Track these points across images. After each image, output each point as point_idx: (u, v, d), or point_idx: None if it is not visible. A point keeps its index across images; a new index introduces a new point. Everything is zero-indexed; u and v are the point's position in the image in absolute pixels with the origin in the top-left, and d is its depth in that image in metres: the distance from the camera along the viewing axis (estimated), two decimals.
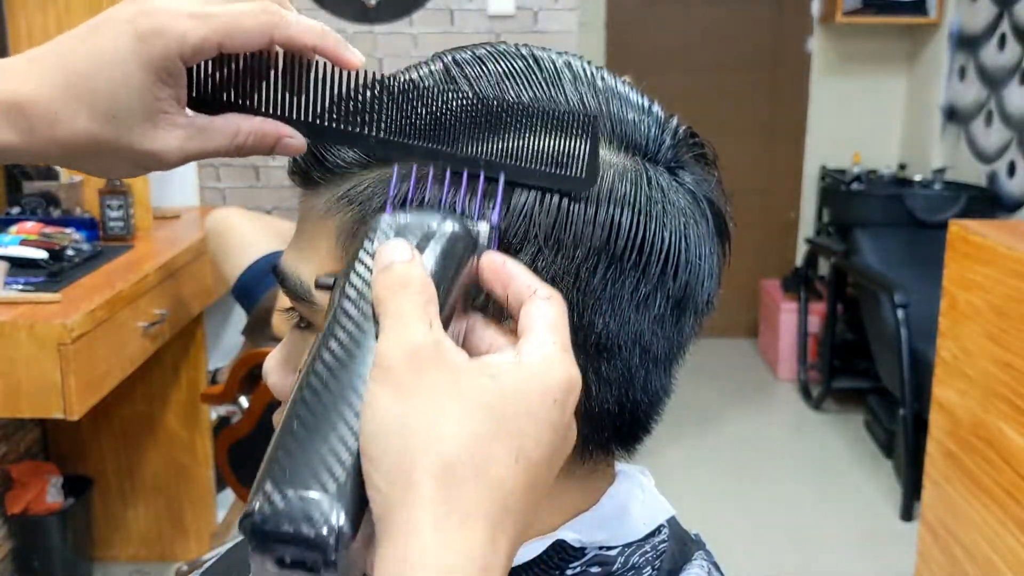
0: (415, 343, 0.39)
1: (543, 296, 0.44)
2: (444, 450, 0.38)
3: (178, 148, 0.49)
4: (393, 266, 0.42)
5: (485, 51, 0.52)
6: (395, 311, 0.40)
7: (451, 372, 0.40)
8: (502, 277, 0.45)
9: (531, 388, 0.40)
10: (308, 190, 0.53)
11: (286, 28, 0.48)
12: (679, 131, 0.54)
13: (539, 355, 0.41)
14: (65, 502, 2.44)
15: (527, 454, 0.40)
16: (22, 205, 2.31)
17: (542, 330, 0.42)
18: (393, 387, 0.39)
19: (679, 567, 0.56)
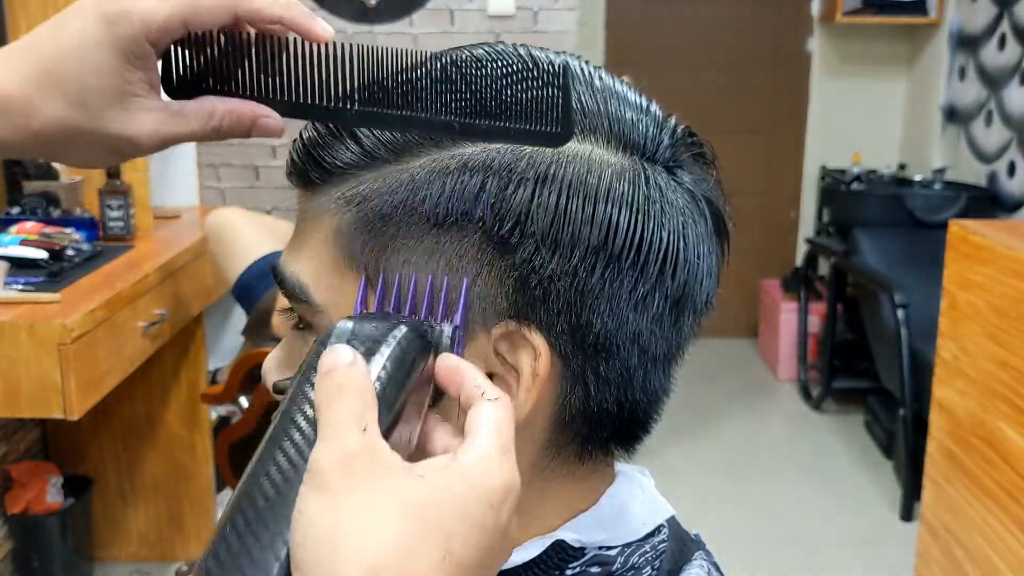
0: (346, 450, 0.39)
1: (490, 397, 0.44)
2: (369, 554, 0.38)
3: (152, 132, 0.49)
4: (333, 372, 0.42)
5: (482, 51, 0.52)
6: (330, 418, 0.40)
7: (381, 477, 0.39)
8: (455, 378, 0.45)
9: (462, 491, 0.40)
10: (306, 191, 0.53)
11: (249, 2, 0.48)
12: (677, 130, 0.54)
13: (475, 457, 0.41)
14: (65, 502, 2.44)
15: (456, 557, 0.39)
16: (22, 205, 2.31)
17: (483, 433, 0.42)
18: (323, 493, 0.39)
19: (679, 567, 0.56)
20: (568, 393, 0.51)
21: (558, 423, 0.52)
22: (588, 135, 0.51)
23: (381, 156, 0.50)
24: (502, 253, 0.48)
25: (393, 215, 0.49)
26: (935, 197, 3.61)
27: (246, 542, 0.40)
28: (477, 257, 0.48)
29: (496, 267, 0.48)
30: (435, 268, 0.49)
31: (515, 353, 0.49)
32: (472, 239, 0.48)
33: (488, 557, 0.41)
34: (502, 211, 0.48)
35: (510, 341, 0.49)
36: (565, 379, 0.51)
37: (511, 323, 0.49)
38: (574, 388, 0.51)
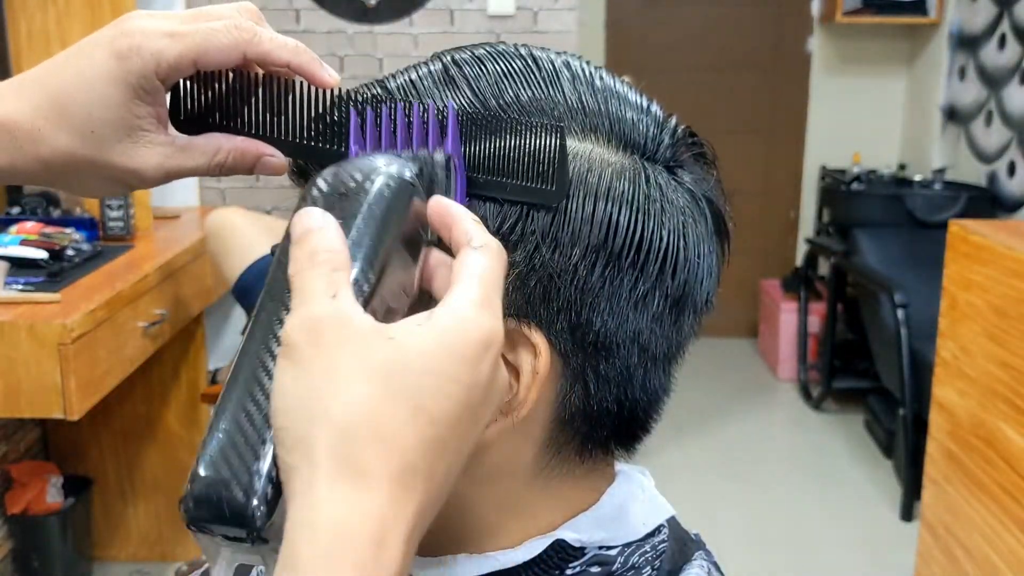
0: (315, 316, 0.39)
1: (475, 245, 0.43)
2: (338, 413, 0.38)
3: (157, 165, 0.50)
4: (303, 238, 0.42)
5: (484, 51, 0.52)
6: (300, 286, 0.41)
7: (350, 340, 0.39)
8: (445, 221, 0.45)
9: (433, 348, 0.40)
10: None
11: (259, 44, 0.49)
12: (678, 130, 0.54)
13: (449, 314, 0.41)
14: (65, 502, 2.44)
15: (427, 411, 0.39)
16: (22, 205, 2.31)
17: (461, 285, 0.42)
18: (294, 362, 0.39)
19: (679, 567, 0.56)
20: (568, 391, 0.51)
21: (558, 422, 0.52)
22: (589, 134, 0.51)
23: None
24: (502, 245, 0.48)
25: None
26: (935, 197, 3.61)
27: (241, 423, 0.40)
28: None
29: None
30: None
31: (515, 351, 0.49)
32: None
33: (468, 411, 0.41)
34: (502, 210, 0.48)
35: (510, 339, 0.49)
36: (565, 377, 0.51)
37: (511, 321, 0.49)
38: (574, 387, 0.51)
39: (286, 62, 0.50)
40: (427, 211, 0.45)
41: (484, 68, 0.51)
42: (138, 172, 0.50)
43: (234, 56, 0.49)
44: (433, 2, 3.25)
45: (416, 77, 0.52)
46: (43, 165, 0.50)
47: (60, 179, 0.51)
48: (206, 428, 0.41)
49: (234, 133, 0.51)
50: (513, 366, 0.50)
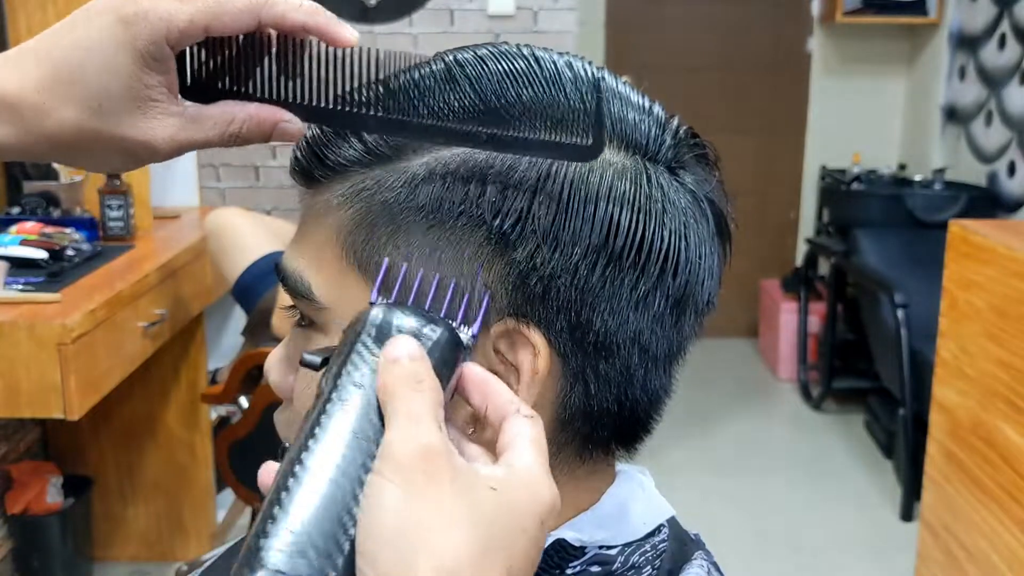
0: (428, 443, 0.39)
1: (526, 414, 0.44)
2: (447, 554, 0.38)
3: (170, 138, 0.48)
4: (403, 361, 0.41)
5: (486, 51, 0.52)
6: (407, 407, 0.40)
7: (458, 479, 0.39)
8: (482, 388, 0.45)
9: (525, 507, 0.40)
10: (310, 188, 0.53)
11: (273, 7, 0.47)
12: (680, 131, 0.54)
13: (530, 472, 0.41)
14: (65, 502, 2.44)
15: (514, 571, 0.39)
16: (22, 205, 2.31)
17: (528, 448, 0.42)
18: (404, 486, 0.38)
19: (679, 567, 0.56)
20: (568, 392, 0.51)
21: (559, 422, 0.52)
22: None
23: (384, 153, 0.50)
24: (503, 250, 0.48)
25: (395, 212, 0.49)
26: (935, 197, 3.61)
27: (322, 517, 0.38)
28: (477, 254, 0.48)
29: (497, 264, 0.48)
30: (436, 265, 0.49)
31: (515, 351, 0.49)
32: (473, 236, 0.48)
33: (531, 572, 0.41)
34: (503, 209, 0.48)
35: (510, 339, 0.49)
36: (565, 378, 0.51)
37: (511, 321, 0.49)
38: (574, 387, 0.51)
39: (302, 24, 0.48)
40: (464, 377, 0.45)
41: (486, 68, 0.51)
42: (149, 144, 0.48)
43: (248, 21, 0.47)
44: (433, 2, 3.25)
45: (418, 77, 0.52)
46: (49, 141, 0.47)
47: (68, 154, 0.49)
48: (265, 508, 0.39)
49: (245, 99, 0.49)
50: (513, 366, 0.50)
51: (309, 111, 0.49)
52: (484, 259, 0.48)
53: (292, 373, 0.55)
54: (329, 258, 0.51)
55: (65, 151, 0.48)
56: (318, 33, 0.48)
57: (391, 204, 0.49)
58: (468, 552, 0.38)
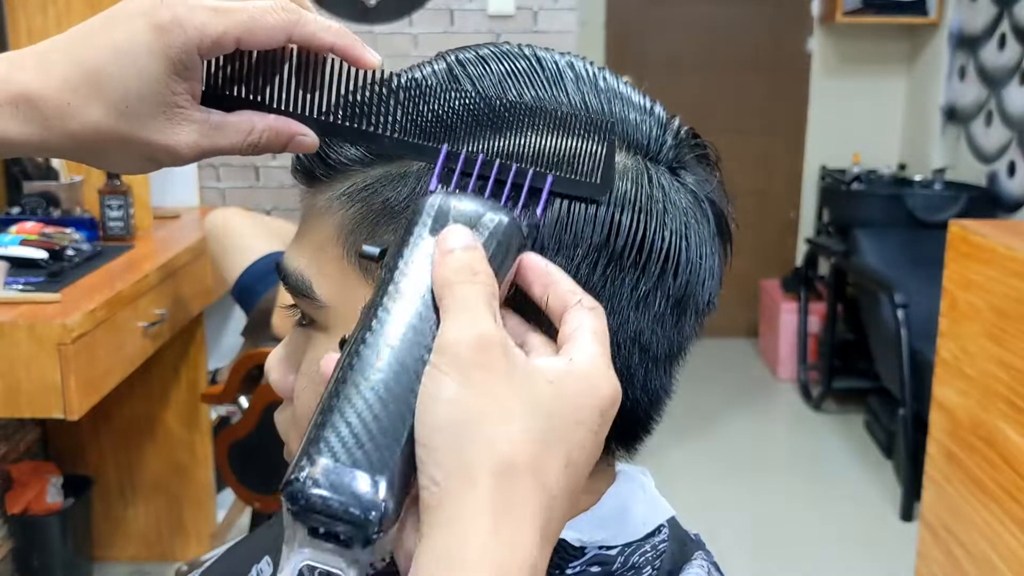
0: (484, 335, 0.39)
1: (588, 306, 0.44)
2: (506, 449, 0.38)
3: (193, 143, 0.48)
4: (457, 252, 0.41)
5: (488, 51, 0.52)
6: (462, 299, 0.40)
7: (515, 371, 0.39)
8: (543, 279, 0.45)
9: (584, 398, 0.41)
10: (311, 188, 0.54)
11: (304, 26, 0.47)
12: (681, 131, 0.54)
13: (591, 365, 0.41)
14: (65, 502, 2.44)
15: (575, 463, 0.40)
16: (22, 205, 2.31)
17: (590, 340, 0.42)
18: (460, 376, 0.39)
19: (679, 567, 0.56)
20: None
21: None
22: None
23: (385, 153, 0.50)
24: None
25: (397, 211, 0.49)
26: (935, 197, 3.61)
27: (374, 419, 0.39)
28: None
29: None
30: None
31: None
32: None
33: (591, 465, 0.42)
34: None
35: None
36: None
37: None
38: None
39: (330, 44, 0.48)
40: (523, 266, 0.45)
41: (488, 68, 0.51)
42: (172, 149, 0.48)
43: (280, 38, 0.47)
44: (433, 2, 3.25)
45: (420, 76, 0.52)
46: (73, 140, 0.47)
47: (90, 155, 0.49)
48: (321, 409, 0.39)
49: (263, 110, 0.49)
50: None
51: (325, 126, 0.50)
52: None
53: (292, 373, 0.55)
54: (330, 257, 0.51)
55: (87, 151, 0.49)
56: (345, 54, 0.49)
57: (392, 203, 0.49)
58: (524, 443, 0.38)
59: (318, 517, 0.38)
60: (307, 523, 0.38)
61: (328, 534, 0.38)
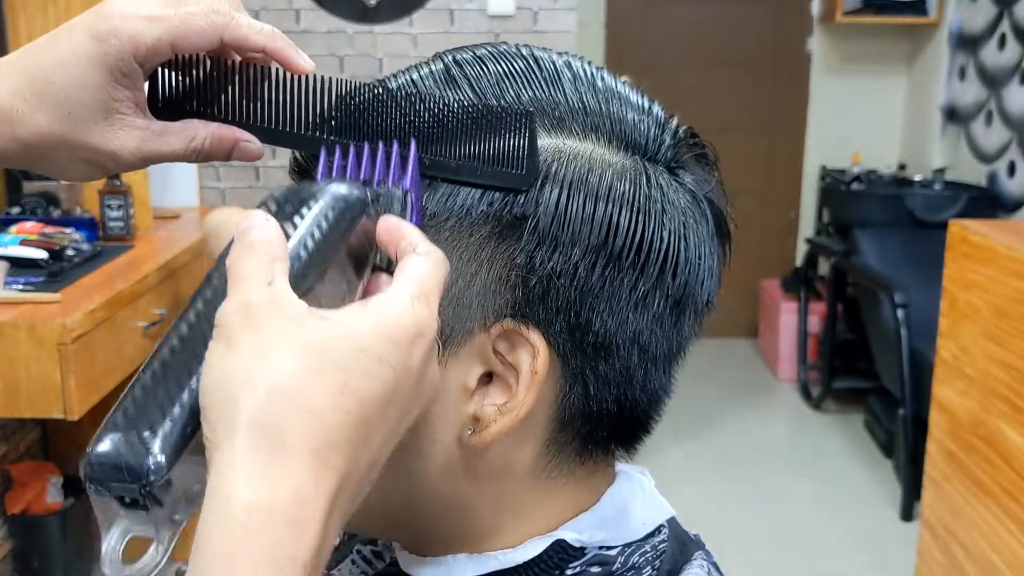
0: (249, 300, 0.40)
1: (420, 252, 0.44)
2: (262, 385, 0.38)
3: (135, 149, 0.51)
4: (245, 232, 0.42)
5: (486, 51, 0.52)
6: (237, 274, 0.41)
7: (282, 322, 0.40)
8: (393, 237, 0.45)
9: (365, 329, 0.40)
10: None
11: (235, 28, 0.50)
12: (679, 131, 0.54)
13: (384, 300, 0.42)
14: (65, 502, 2.44)
15: (353, 388, 0.39)
16: (22, 205, 2.31)
17: (402, 280, 0.43)
18: (224, 341, 0.40)
19: (679, 567, 0.56)
20: (568, 392, 0.51)
21: (558, 422, 0.52)
22: (590, 134, 0.51)
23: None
24: (502, 251, 0.48)
25: None
26: (935, 197, 3.61)
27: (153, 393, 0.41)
28: (477, 255, 0.49)
29: (496, 265, 0.49)
30: None
31: (514, 352, 0.49)
32: (472, 237, 0.48)
33: (396, 397, 0.41)
34: (503, 209, 0.48)
35: (509, 340, 0.49)
36: (564, 378, 0.51)
37: (509, 321, 0.49)
38: (573, 387, 0.51)
39: (262, 46, 0.50)
40: (378, 229, 0.46)
41: (485, 68, 0.51)
42: (115, 155, 0.51)
43: (211, 39, 0.49)
44: (433, 2, 3.25)
45: (417, 77, 0.52)
46: (22, 146, 0.51)
47: (39, 160, 0.52)
48: None
49: (212, 120, 0.52)
50: (512, 366, 0.50)
51: (267, 133, 0.52)
52: (483, 259, 0.48)
53: None
54: None
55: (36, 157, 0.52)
56: (276, 57, 0.51)
57: None
58: (288, 378, 0.39)
59: (104, 484, 0.40)
60: (102, 493, 0.40)
61: (132, 502, 0.40)
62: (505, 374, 0.50)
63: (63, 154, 0.51)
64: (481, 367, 0.50)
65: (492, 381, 0.50)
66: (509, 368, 0.50)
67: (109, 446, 0.40)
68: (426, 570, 0.55)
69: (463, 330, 0.49)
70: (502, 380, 0.50)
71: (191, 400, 0.41)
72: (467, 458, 0.51)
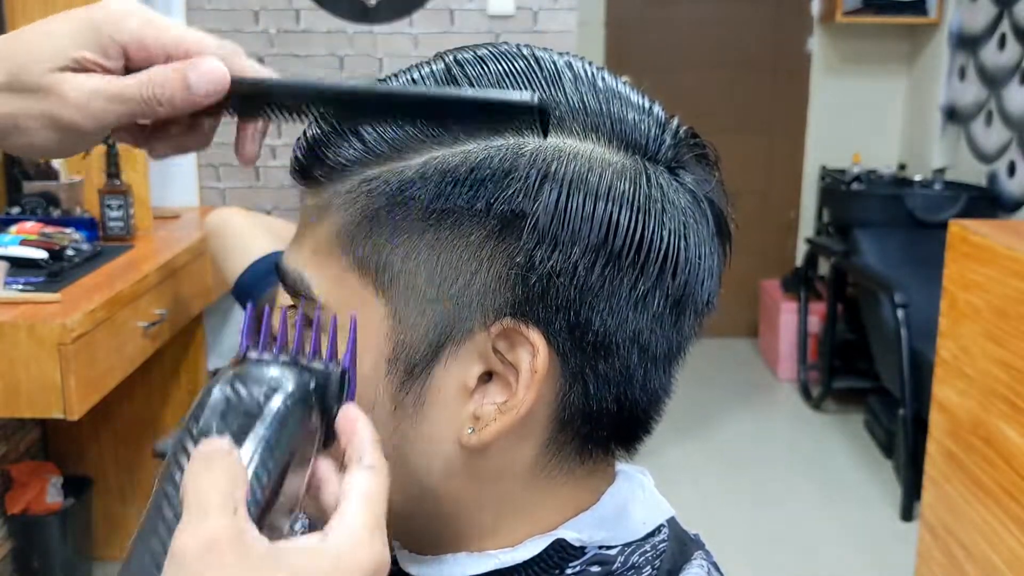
0: (211, 535, 0.38)
1: (366, 465, 0.43)
2: None
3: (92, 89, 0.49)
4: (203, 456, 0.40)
5: (486, 51, 0.52)
6: (192, 497, 0.39)
7: (251, 560, 0.38)
8: (349, 431, 0.45)
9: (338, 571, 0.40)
10: (309, 188, 0.54)
11: None
12: (680, 131, 0.53)
13: (344, 538, 0.41)
14: (65, 502, 2.44)
15: None
16: (22, 205, 2.31)
17: (353, 506, 0.42)
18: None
19: (679, 567, 0.56)
20: (567, 391, 0.51)
21: (558, 421, 0.52)
22: (590, 134, 0.51)
23: (384, 153, 0.50)
24: (502, 250, 0.48)
25: (395, 211, 0.49)
26: (935, 197, 3.61)
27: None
28: (477, 254, 0.48)
29: (495, 264, 0.48)
30: (435, 264, 0.49)
31: (514, 351, 0.49)
32: (473, 236, 0.48)
33: None
34: (503, 208, 0.48)
35: (508, 339, 0.49)
36: (564, 377, 0.51)
37: (509, 320, 0.49)
38: (573, 386, 0.51)
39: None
40: (338, 418, 0.45)
41: (486, 68, 0.51)
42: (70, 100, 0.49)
43: None
44: (433, 2, 3.25)
45: (418, 77, 0.52)
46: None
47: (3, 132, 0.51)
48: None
49: None
50: (512, 365, 0.50)
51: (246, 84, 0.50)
52: (483, 258, 0.48)
53: None
54: (328, 257, 0.51)
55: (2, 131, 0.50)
56: None
57: (390, 204, 0.49)
58: None
59: None
60: None
61: None
62: (505, 373, 0.50)
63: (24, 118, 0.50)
64: (481, 366, 0.50)
65: (492, 380, 0.50)
66: (509, 367, 0.50)
67: None
68: (426, 569, 0.55)
69: (463, 329, 0.49)
70: (502, 379, 0.50)
71: None
72: (467, 457, 0.51)
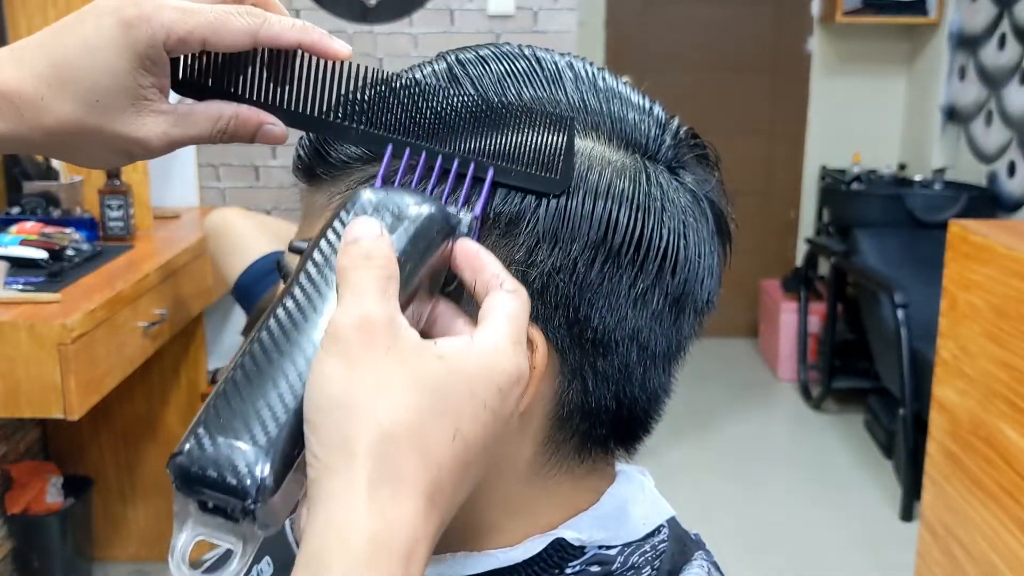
0: (369, 316, 0.40)
1: (508, 288, 0.44)
2: (384, 421, 0.39)
3: (162, 134, 0.50)
4: (360, 241, 0.42)
5: (488, 51, 0.52)
6: (355, 283, 0.41)
7: (400, 348, 0.40)
8: (474, 264, 0.46)
9: (477, 372, 0.41)
10: (312, 186, 0.54)
11: (269, 28, 0.49)
12: (680, 131, 0.54)
13: (491, 343, 0.42)
14: (65, 502, 2.44)
15: (464, 434, 0.40)
16: (22, 205, 2.31)
17: (499, 320, 0.43)
18: (342, 357, 0.40)
19: (679, 567, 0.56)
20: (566, 388, 0.51)
21: (557, 419, 0.52)
22: (590, 132, 0.51)
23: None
24: (502, 246, 0.48)
25: None
26: (935, 197, 3.61)
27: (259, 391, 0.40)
28: None
29: None
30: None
31: None
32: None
33: (491, 441, 0.42)
34: (503, 205, 0.48)
35: None
36: (563, 374, 0.51)
37: None
38: (572, 383, 0.51)
39: (296, 42, 0.50)
40: (454, 251, 0.46)
41: (488, 68, 0.51)
42: (142, 142, 0.50)
43: (245, 40, 0.49)
44: (433, 2, 3.25)
45: (420, 76, 0.52)
46: (46, 134, 0.49)
47: (63, 148, 0.51)
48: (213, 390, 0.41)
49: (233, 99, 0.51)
50: None
51: (293, 117, 0.51)
52: None
53: None
54: None
55: (60, 145, 0.50)
56: (312, 50, 0.50)
57: None
58: (409, 415, 0.39)
59: (200, 489, 0.39)
60: (192, 496, 0.40)
61: (216, 508, 0.39)
62: None
63: (88, 142, 0.50)
64: None
65: None
66: None
67: (211, 451, 0.39)
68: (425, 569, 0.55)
69: None
70: None
71: (297, 414, 0.40)
72: None
